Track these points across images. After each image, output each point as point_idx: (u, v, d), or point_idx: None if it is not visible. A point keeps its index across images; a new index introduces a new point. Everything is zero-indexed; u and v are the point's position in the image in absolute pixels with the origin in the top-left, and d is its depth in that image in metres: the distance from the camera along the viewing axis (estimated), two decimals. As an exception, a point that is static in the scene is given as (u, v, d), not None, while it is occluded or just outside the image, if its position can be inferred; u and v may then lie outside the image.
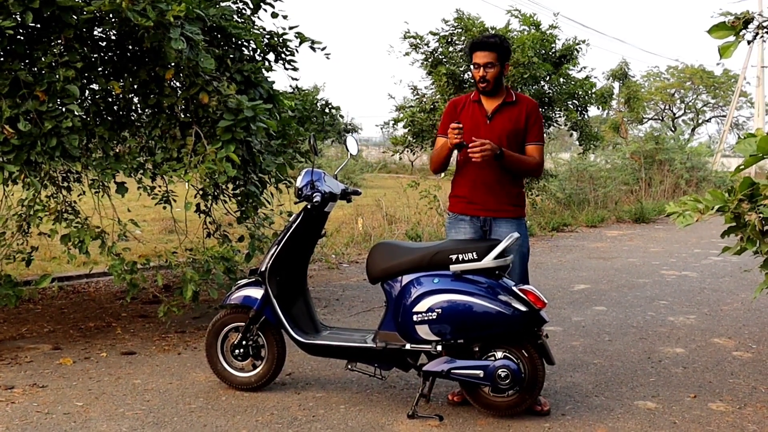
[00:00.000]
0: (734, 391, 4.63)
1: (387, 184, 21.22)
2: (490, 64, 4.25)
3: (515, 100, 4.37)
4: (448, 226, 4.51)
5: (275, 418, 4.10)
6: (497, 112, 4.33)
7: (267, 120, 5.45)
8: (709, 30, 3.79)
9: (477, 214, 4.34)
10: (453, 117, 4.38)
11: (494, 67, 4.26)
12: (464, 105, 4.42)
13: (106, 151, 5.42)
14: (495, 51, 4.26)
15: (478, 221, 4.35)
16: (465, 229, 4.37)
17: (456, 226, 4.42)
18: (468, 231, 4.36)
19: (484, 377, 3.91)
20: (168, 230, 10.80)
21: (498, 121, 4.31)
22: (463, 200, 4.38)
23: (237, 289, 4.52)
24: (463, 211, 4.38)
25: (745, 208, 3.66)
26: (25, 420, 4.01)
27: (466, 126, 4.23)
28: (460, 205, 4.40)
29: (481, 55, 4.26)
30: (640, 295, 7.56)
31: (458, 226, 4.40)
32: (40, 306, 6.65)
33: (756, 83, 33.89)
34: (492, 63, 4.25)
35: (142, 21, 4.71)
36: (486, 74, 4.25)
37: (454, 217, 4.44)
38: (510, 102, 4.35)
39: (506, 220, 4.32)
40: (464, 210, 4.37)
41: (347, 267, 9.18)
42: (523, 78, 12.11)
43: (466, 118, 4.34)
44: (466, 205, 4.36)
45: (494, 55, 4.26)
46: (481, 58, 4.26)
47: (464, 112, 4.39)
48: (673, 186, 18.57)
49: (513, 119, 4.32)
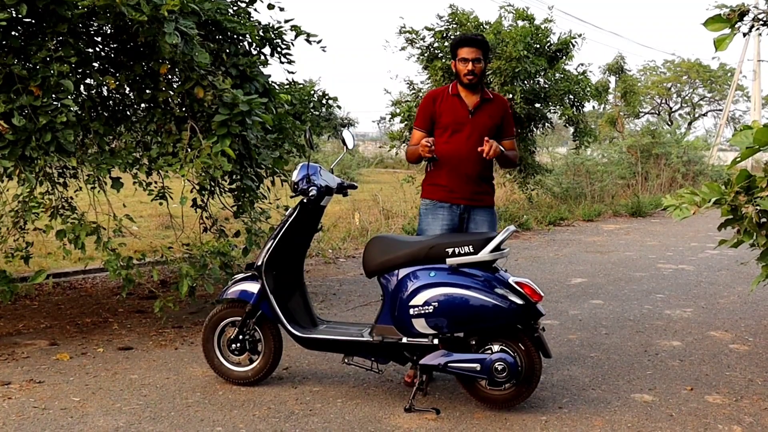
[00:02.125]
0: (731, 384, 4.64)
1: (383, 179, 21.19)
2: (477, 60, 4.44)
3: (492, 98, 4.57)
4: (424, 212, 4.59)
5: (272, 412, 4.10)
6: (478, 108, 4.50)
7: (263, 114, 5.44)
8: (704, 22, 3.80)
9: (458, 202, 4.48)
10: (431, 109, 4.54)
11: (481, 62, 4.46)
12: (443, 98, 4.55)
13: (102, 147, 5.41)
14: (481, 48, 4.48)
15: (458, 209, 4.49)
16: (443, 215, 4.49)
17: (434, 212, 4.52)
18: (446, 217, 4.49)
19: (481, 370, 3.91)
20: (165, 225, 10.79)
21: (480, 116, 4.49)
22: (444, 189, 4.49)
23: (233, 284, 4.51)
24: (444, 199, 4.49)
25: (741, 200, 3.66)
26: (21, 415, 4.00)
27: (448, 118, 4.46)
28: (440, 192, 4.50)
29: (469, 51, 4.44)
30: (636, 289, 7.57)
31: (436, 213, 4.51)
32: (37, 302, 6.64)
33: (752, 77, 33.93)
34: (479, 58, 4.45)
35: (137, 15, 4.70)
36: (474, 68, 4.43)
37: (432, 204, 4.54)
38: (488, 99, 4.55)
39: (482, 207, 4.53)
40: (445, 198, 4.49)
41: (344, 261, 9.17)
42: (515, 72, 12.08)
43: (447, 111, 4.49)
44: (447, 194, 4.48)
45: (481, 52, 4.47)
46: (469, 54, 4.43)
47: (444, 104, 4.52)
48: (670, 180, 18.59)
49: (492, 116, 4.52)
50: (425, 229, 4.52)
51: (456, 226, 4.49)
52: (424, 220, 4.56)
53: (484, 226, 4.50)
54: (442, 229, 4.45)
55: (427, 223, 4.52)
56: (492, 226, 4.53)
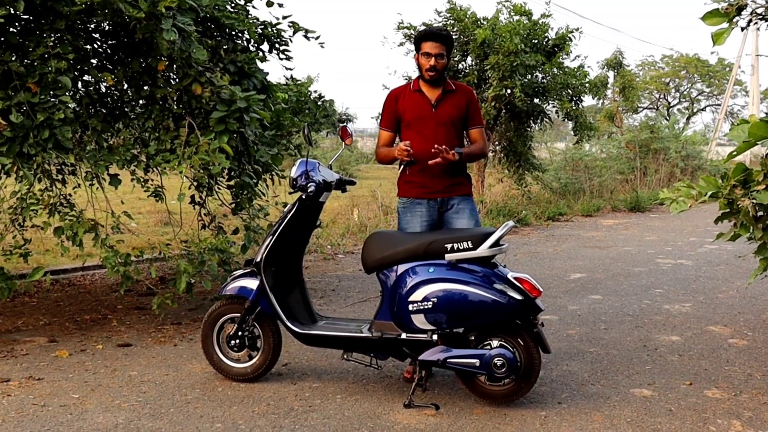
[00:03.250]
0: (730, 379, 4.64)
1: (382, 174, 21.19)
2: (441, 55, 4.40)
3: (455, 88, 4.53)
4: (402, 210, 4.55)
5: (272, 408, 4.10)
6: (441, 100, 4.47)
7: (260, 111, 5.43)
8: (702, 17, 3.80)
9: (434, 197, 4.46)
10: (394, 108, 4.53)
11: (443, 58, 4.42)
12: (405, 95, 4.53)
13: (100, 143, 5.40)
14: (445, 43, 4.43)
15: (435, 203, 4.48)
16: (421, 212, 4.47)
17: (412, 210, 4.50)
18: (424, 214, 4.47)
19: (480, 366, 3.91)
20: (163, 222, 10.79)
21: (443, 108, 4.46)
22: (417, 185, 4.47)
23: (232, 280, 4.51)
24: (419, 195, 4.47)
25: (738, 194, 3.67)
26: (21, 413, 4.00)
27: (411, 114, 4.45)
28: (415, 190, 4.48)
29: (433, 46, 4.39)
30: (635, 284, 7.57)
31: (414, 210, 4.49)
32: (36, 299, 6.64)
33: (751, 72, 33.92)
34: (442, 54, 4.41)
35: (134, 12, 4.69)
36: (437, 64, 4.39)
37: (409, 202, 4.52)
38: (450, 90, 4.51)
39: (460, 197, 4.50)
40: (420, 194, 4.47)
41: (343, 257, 9.17)
42: (513, 66, 12.07)
43: (410, 107, 4.47)
44: (421, 190, 4.46)
45: (444, 47, 4.42)
46: (432, 48, 4.39)
47: (406, 101, 4.50)
48: (668, 175, 18.58)
49: (456, 106, 4.49)
50: (405, 227, 4.50)
51: (435, 222, 4.48)
52: (403, 218, 4.54)
53: (464, 213, 4.45)
54: (422, 226, 4.43)
55: (407, 221, 4.51)
56: (472, 213, 4.49)
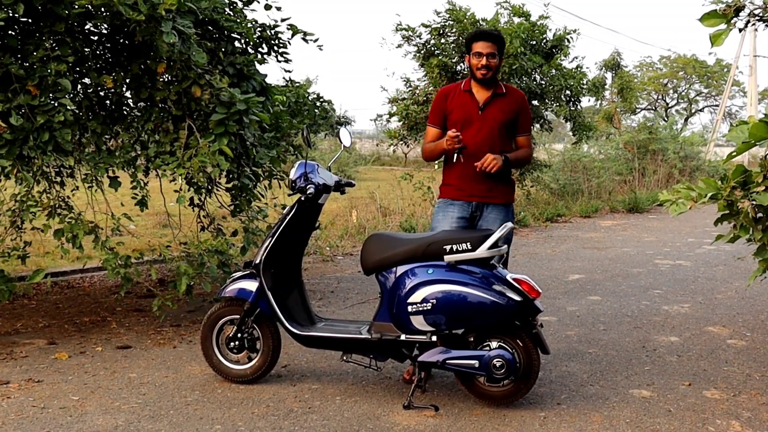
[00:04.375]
0: (729, 379, 4.65)
1: (381, 176, 21.21)
2: (492, 55, 4.37)
3: (505, 91, 4.48)
4: (437, 210, 4.59)
5: (271, 410, 4.10)
6: (489, 102, 4.43)
7: (260, 113, 5.44)
8: (700, 18, 3.80)
9: (468, 200, 4.44)
10: (443, 106, 4.50)
11: (495, 57, 4.39)
12: (455, 94, 4.50)
13: (99, 146, 5.41)
14: (497, 43, 4.41)
15: (468, 206, 4.45)
16: (453, 212, 4.46)
17: (444, 209, 4.51)
18: (455, 213, 4.46)
19: (480, 367, 3.92)
20: (162, 224, 10.79)
21: (490, 111, 4.41)
22: (453, 187, 4.47)
23: (232, 282, 4.51)
24: (456, 197, 4.47)
25: (737, 195, 3.67)
26: (20, 415, 4.00)
27: (458, 115, 4.39)
28: (452, 192, 4.49)
29: (485, 45, 4.37)
30: (634, 285, 7.58)
31: (446, 210, 4.49)
32: (35, 301, 6.64)
33: (749, 72, 33.91)
34: (494, 53, 4.38)
35: (134, 15, 4.69)
36: (489, 63, 4.36)
37: (444, 202, 4.53)
38: (501, 93, 4.47)
39: (495, 205, 4.45)
40: (455, 196, 4.47)
41: (342, 259, 9.18)
42: (512, 69, 12.09)
43: (458, 107, 4.44)
44: (456, 191, 4.46)
45: (496, 47, 4.40)
46: (484, 48, 4.36)
47: (455, 100, 4.47)
48: (667, 176, 18.60)
49: (504, 110, 4.43)
50: (436, 226, 4.49)
51: (466, 222, 4.45)
52: (436, 217, 4.54)
53: (496, 224, 4.37)
54: (452, 225, 4.42)
55: (438, 220, 4.50)
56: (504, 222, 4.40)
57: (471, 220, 4.47)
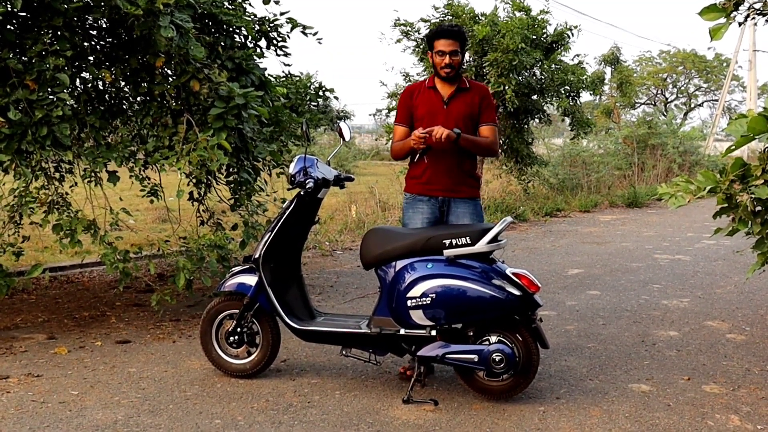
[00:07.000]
0: (728, 373, 4.65)
1: (380, 171, 21.15)
2: (455, 52, 4.39)
3: (469, 86, 4.52)
4: (405, 206, 4.59)
5: (270, 404, 4.11)
6: (453, 97, 4.46)
7: (259, 107, 5.43)
8: (700, 12, 3.80)
9: (435, 194, 4.45)
10: (408, 103, 4.53)
11: (458, 54, 4.41)
12: (419, 91, 4.53)
13: (98, 140, 5.40)
14: (458, 39, 4.41)
15: (436, 201, 4.46)
16: (423, 209, 4.47)
17: (414, 206, 4.51)
18: (425, 211, 4.47)
19: (479, 361, 3.92)
20: (161, 219, 10.79)
21: (454, 105, 4.44)
22: (421, 182, 4.47)
23: (231, 277, 4.51)
24: (422, 192, 4.47)
25: (736, 188, 3.67)
26: (20, 409, 4.00)
27: (423, 111, 4.44)
28: (417, 186, 4.49)
29: (447, 43, 4.38)
30: (633, 279, 7.58)
31: (416, 207, 4.50)
32: (34, 296, 6.64)
33: (748, 67, 33.94)
34: (456, 51, 4.39)
35: (132, 9, 4.68)
36: (452, 61, 4.38)
37: (412, 198, 4.53)
38: (464, 88, 4.50)
39: (463, 200, 4.47)
40: (422, 191, 4.47)
41: (341, 254, 9.18)
42: (511, 65, 12.06)
43: (423, 103, 4.48)
44: (423, 186, 4.46)
45: (458, 44, 4.40)
46: (446, 46, 4.38)
47: (420, 97, 4.51)
48: (666, 170, 18.59)
49: (468, 104, 4.46)
50: (407, 222, 4.52)
51: (437, 219, 4.47)
52: (406, 213, 4.56)
53: (465, 218, 4.43)
54: (423, 223, 4.44)
55: (409, 216, 4.53)
56: (475, 218, 4.46)
57: (441, 216, 4.48)
